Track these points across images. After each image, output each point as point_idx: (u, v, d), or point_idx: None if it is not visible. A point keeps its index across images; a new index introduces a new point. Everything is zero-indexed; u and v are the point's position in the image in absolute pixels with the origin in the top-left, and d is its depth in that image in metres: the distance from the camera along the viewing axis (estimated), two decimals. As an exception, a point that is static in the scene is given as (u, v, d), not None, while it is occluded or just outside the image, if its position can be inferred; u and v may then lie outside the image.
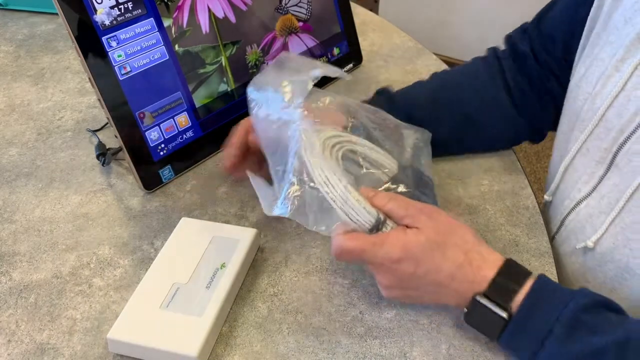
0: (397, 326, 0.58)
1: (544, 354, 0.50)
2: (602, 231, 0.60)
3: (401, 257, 0.53)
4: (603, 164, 0.61)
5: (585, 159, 0.63)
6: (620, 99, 0.58)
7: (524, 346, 0.52)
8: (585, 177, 0.63)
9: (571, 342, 0.49)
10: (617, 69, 0.58)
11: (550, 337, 0.50)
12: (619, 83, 0.57)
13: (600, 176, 0.61)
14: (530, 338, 0.51)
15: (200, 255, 0.62)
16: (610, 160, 0.59)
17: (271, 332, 0.58)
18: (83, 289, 0.62)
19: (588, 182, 0.63)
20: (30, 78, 0.97)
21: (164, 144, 0.75)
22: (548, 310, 0.51)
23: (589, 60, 0.64)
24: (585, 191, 0.63)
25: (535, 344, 0.51)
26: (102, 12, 0.68)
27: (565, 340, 0.49)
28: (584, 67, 0.65)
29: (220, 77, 0.80)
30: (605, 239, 0.60)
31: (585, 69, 0.64)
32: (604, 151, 0.60)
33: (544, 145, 2.19)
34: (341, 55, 0.97)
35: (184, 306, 0.57)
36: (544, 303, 0.51)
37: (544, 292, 0.52)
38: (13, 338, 0.57)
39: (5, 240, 0.68)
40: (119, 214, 0.71)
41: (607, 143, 0.60)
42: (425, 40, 1.13)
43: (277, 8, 0.87)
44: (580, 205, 0.64)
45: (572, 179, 0.66)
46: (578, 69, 0.66)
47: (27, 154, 0.81)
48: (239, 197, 0.74)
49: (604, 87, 0.60)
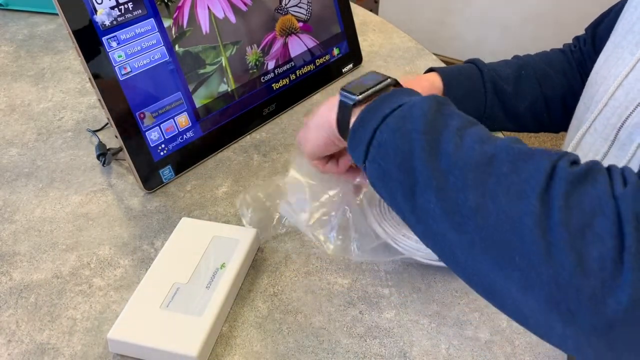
0: (397, 326, 0.58)
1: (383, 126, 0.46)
2: None
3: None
4: (607, 140, 0.62)
5: (592, 138, 0.65)
6: (629, 78, 0.60)
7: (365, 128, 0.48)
8: (590, 154, 0.64)
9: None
10: (632, 53, 0.60)
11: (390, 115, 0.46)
12: (630, 64, 0.59)
13: (604, 153, 0.63)
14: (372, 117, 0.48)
15: (200, 255, 0.62)
16: (614, 136, 0.61)
17: (271, 332, 0.58)
18: (83, 289, 0.62)
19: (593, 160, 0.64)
20: (30, 78, 0.97)
21: (164, 144, 0.75)
22: (394, 98, 0.48)
23: (611, 47, 0.66)
24: None
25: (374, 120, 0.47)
26: (103, 12, 0.68)
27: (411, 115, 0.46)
28: (605, 55, 0.66)
29: (221, 78, 0.80)
30: None
31: (606, 57, 0.66)
32: (610, 128, 0.61)
33: (544, 146, 2.19)
34: (341, 56, 0.97)
35: (184, 306, 0.57)
36: (396, 95, 0.49)
37: (403, 90, 0.50)
38: (13, 338, 0.57)
39: (6, 240, 0.68)
40: (119, 214, 0.71)
41: (614, 120, 0.61)
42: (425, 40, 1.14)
43: (277, 8, 0.87)
44: None
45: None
46: (599, 57, 0.68)
47: (27, 154, 0.81)
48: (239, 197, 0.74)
49: (617, 69, 0.62)
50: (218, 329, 0.57)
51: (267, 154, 0.81)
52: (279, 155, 0.81)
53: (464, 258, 0.41)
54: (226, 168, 0.79)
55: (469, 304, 0.61)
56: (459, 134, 0.43)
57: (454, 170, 0.41)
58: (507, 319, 0.58)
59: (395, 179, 0.44)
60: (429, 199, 0.42)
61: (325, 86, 0.95)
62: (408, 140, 0.44)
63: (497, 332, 0.58)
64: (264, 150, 0.82)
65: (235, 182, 0.76)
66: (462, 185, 0.40)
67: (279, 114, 0.88)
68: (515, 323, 0.44)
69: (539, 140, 2.22)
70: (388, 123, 0.46)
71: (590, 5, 2.20)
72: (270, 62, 0.86)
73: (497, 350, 0.56)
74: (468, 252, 0.40)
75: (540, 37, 2.29)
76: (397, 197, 0.45)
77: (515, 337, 0.57)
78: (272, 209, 0.67)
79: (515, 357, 0.56)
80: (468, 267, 0.41)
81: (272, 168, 0.78)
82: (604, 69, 0.65)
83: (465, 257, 0.41)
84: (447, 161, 0.41)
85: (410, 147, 0.43)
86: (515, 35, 2.34)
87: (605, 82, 0.64)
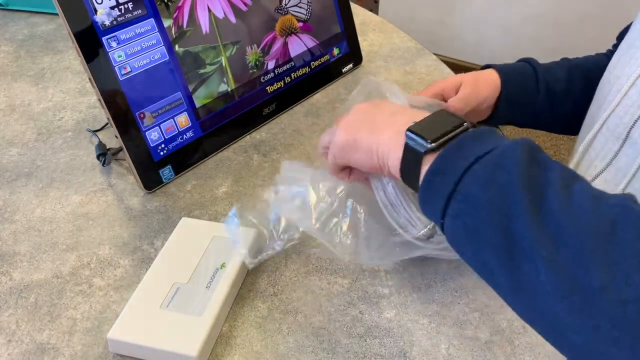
0: (397, 326, 0.58)
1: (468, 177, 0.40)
2: None
3: (356, 108, 0.54)
4: (620, 138, 0.62)
5: (604, 137, 0.65)
6: None
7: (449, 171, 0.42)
8: (602, 153, 0.65)
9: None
10: None
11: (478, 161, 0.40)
12: None
13: (615, 151, 0.63)
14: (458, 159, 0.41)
15: (200, 255, 0.62)
16: (626, 134, 0.61)
17: (271, 332, 0.58)
18: (83, 289, 0.62)
19: (605, 158, 0.64)
20: (30, 78, 0.97)
21: (164, 144, 0.75)
22: (482, 143, 0.42)
23: (625, 47, 0.66)
24: (600, 167, 0.64)
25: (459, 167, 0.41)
26: (103, 12, 0.68)
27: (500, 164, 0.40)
28: (619, 54, 0.67)
29: (221, 78, 0.80)
30: None
31: (620, 56, 0.66)
32: (622, 127, 0.62)
33: (544, 146, 2.19)
34: (341, 56, 0.97)
35: (184, 306, 0.57)
36: (481, 137, 0.43)
37: (482, 132, 0.44)
38: (13, 338, 0.57)
39: (6, 240, 0.68)
40: (119, 214, 0.71)
41: (626, 119, 0.61)
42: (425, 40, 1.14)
43: (277, 8, 0.87)
44: (596, 181, 0.65)
45: (590, 157, 0.67)
46: (614, 56, 0.68)
47: (27, 154, 0.81)
48: (239, 197, 0.74)
49: (630, 68, 0.62)
50: (218, 329, 0.57)
51: (267, 154, 0.81)
52: (279, 155, 0.81)
53: (585, 345, 0.34)
54: (226, 168, 0.79)
55: (469, 304, 0.61)
56: (565, 191, 0.37)
57: (568, 239, 0.35)
58: (507, 318, 0.58)
59: (487, 240, 0.38)
60: (537, 270, 0.35)
61: (325, 86, 0.95)
62: (505, 196, 0.37)
63: (497, 332, 0.58)
64: (264, 150, 0.82)
65: (235, 182, 0.76)
66: (579, 257, 0.34)
67: (279, 114, 0.88)
68: (516, 323, 0.43)
69: (547, 137, 2.22)
70: (475, 174, 0.40)
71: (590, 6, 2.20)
72: (270, 62, 0.86)
73: (497, 350, 0.56)
74: (592, 340, 0.33)
75: (540, 37, 2.29)
76: (490, 260, 0.38)
77: (515, 337, 0.57)
78: (261, 226, 0.62)
79: (515, 357, 0.56)
80: (592, 355, 0.34)
81: (272, 168, 0.78)
82: (618, 68, 0.65)
83: (587, 344, 0.34)
84: (556, 226, 0.35)
85: (508, 205, 0.37)
86: (515, 35, 2.34)
87: (619, 81, 0.64)
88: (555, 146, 2.18)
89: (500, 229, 0.37)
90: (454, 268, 0.64)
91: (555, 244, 0.35)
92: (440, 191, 0.41)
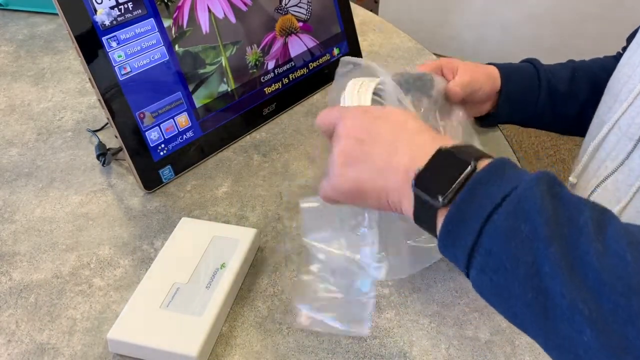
0: (397, 326, 0.58)
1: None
2: (627, 200, 0.60)
3: (370, 108, 0.51)
4: (633, 139, 0.62)
5: (616, 137, 0.64)
6: None
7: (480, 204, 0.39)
8: (614, 153, 0.64)
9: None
10: None
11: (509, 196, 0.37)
12: None
13: (628, 152, 0.62)
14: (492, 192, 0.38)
15: (200, 255, 0.62)
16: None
17: (271, 332, 0.58)
18: (83, 289, 0.62)
19: (616, 158, 0.64)
20: (30, 78, 0.97)
21: (164, 144, 0.75)
22: (510, 177, 0.39)
23: (635, 46, 0.66)
24: (612, 167, 0.64)
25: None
26: (102, 12, 0.68)
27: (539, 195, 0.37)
28: (630, 53, 0.66)
29: (220, 78, 0.80)
30: (630, 206, 0.60)
31: (630, 55, 0.66)
32: (635, 127, 0.61)
33: (544, 145, 2.19)
34: (341, 56, 0.97)
35: (184, 306, 0.57)
36: (513, 166, 0.41)
37: (513, 162, 0.42)
38: (13, 338, 0.57)
39: (6, 240, 0.68)
40: (119, 214, 0.71)
41: (639, 119, 0.61)
42: (425, 40, 1.14)
43: (277, 8, 0.87)
44: (607, 181, 0.65)
45: (601, 157, 0.67)
46: (624, 55, 0.68)
47: (27, 154, 0.81)
48: (239, 197, 0.74)
49: None
50: (218, 329, 0.57)
51: (267, 154, 0.81)
52: (279, 155, 0.81)
53: None
54: (226, 168, 0.79)
55: (469, 304, 0.61)
56: (599, 238, 0.34)
57: (610, 295, 0.32)
58: (507, 319, 0.58)
59: (518, 297, 0.35)
60: (580, 331, 0.33)
61: (325, 86, 0.95)
62: (532, 251, 0.35)
63: (497, 332, 0.58)
64: (264, 150, 0.82)
65: (235, 182, 0.76)
66: (627, 314, 0.31)
67: (279, 114, 0.88)
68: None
69: (547, 137, 2.22)
70: (495, 225, 0.37)
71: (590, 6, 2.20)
72: (270, 62, 0.86)
73: (497, 350, 0.56)
74: None
75: (540, 37, 2.29)
76: (524, 319, 0.36)
77: (515, 337, 0.57)
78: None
79: (515, 357, 0.56)
80: None
81: (272, 168, 0.78)
82: (628, 67, 0.65)
83: None
84: (595, 281, 0.32)
85: (537, 261, 0.34)
86: (515, 35, 2.34)
87: (630, 80, 0.64)
88: (555, 146, 2.18)
89: (530, 286, 0.34)
90: (454, 268, 0.64)
91: (596, 300, 0.32)
92: (461, 244, 0.39)
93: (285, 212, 0.71)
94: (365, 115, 0.49)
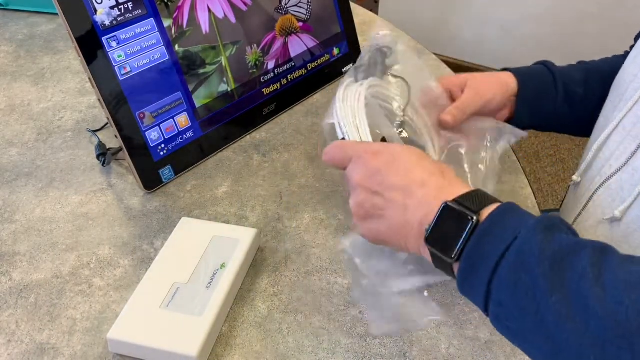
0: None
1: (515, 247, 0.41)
2: (632, 200, 0.60)
3: (380, 150, 0.53)
4: (637, 139, 0.62)
5: (620, 136, 0.64)
6: None
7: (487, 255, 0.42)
8: (618, 152, 0.64)
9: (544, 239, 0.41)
10: None
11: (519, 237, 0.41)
12: None
13: (632, 151, 0.62)
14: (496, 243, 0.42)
15: (200, 255, 0.62)
16: None
17: (271, 332, 0.58)
18: (83, 289, 0.62)
19: (620, 157, 0.64)
20: (30, 78, 0.97)
21: (164, 144, 0.75)
22: (517, 219, 0.43)
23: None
24: (616, 166, 0.64)
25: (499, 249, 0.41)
26: (102, 12, 0.68)
27: (540, 238, 0.40)
28: (635, 52, 0.66)
29: (220, 77, 0.80)
30: (634, 207, 0.60)
31: (635, 55, 0.66)
32: None
33: (544, 145, 2.19)
34: (341, 55, 0.97)
35: (184, 306, 0.57)
36: (514, 213, 0.44)
37: (514, 208, 0.45)
38: (13, 338, 0.57)
39: (6, 240, 0.68)
40: (119, 214, 0.71)
41: None
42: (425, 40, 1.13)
43: (277, 8, 0.87)
44: (611, 180, 0.64)
45: (605, 156, 0.66)
46: (630, 54, 0.68)
47: (27, 154, 0.81)
48: (239, 197, 0.74)
49: None
50: (218, 329, 0.57)
51: (267, 154, 0.81)
52: (279, 155, 0.81)
53: None
54: (226, 168, 0.79)
55: (469, 304, 0.60)
56: (597, 280, 0.36)
57: (614, 339, 0.35)
58: (507, 319, 0.58)
59: (532, 342, 0.39)
60: None
61: (325, 86, 0.95)
62: (533, 302, 0.37)
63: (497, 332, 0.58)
64: (264, 150, 0.82)
65: (235, 182, 0.76)
66: (631, 356, 0.34)
67: (279, 114, 0.88)
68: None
69: (547, 137, 2.22)
70: (500, 279, 0.40)
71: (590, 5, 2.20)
72: (270, 62, 0.86)
73: (497, 350, 0.56)
74: None
75: (540, 37, 2.29)
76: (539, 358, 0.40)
77: (515, 337, 0.57)
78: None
79: (515, 357, 0.56)
80: None
81: (272, 168, 0.78)
82: (634, 66, 0.65)
83: None
84: (600, 327, 0.35)
85: (538, 310, 0.37)
86: (515, 35, 2.34)
87: (636, 79, 0.63)
88: (556, 146, 2.18)
89: (542, 336, 0.37)
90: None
91: (602, 346, 0.35)
92: (476, 293, 0.42)
93: (285, 212, 0.71)
94: (376, 162, 0.52)
